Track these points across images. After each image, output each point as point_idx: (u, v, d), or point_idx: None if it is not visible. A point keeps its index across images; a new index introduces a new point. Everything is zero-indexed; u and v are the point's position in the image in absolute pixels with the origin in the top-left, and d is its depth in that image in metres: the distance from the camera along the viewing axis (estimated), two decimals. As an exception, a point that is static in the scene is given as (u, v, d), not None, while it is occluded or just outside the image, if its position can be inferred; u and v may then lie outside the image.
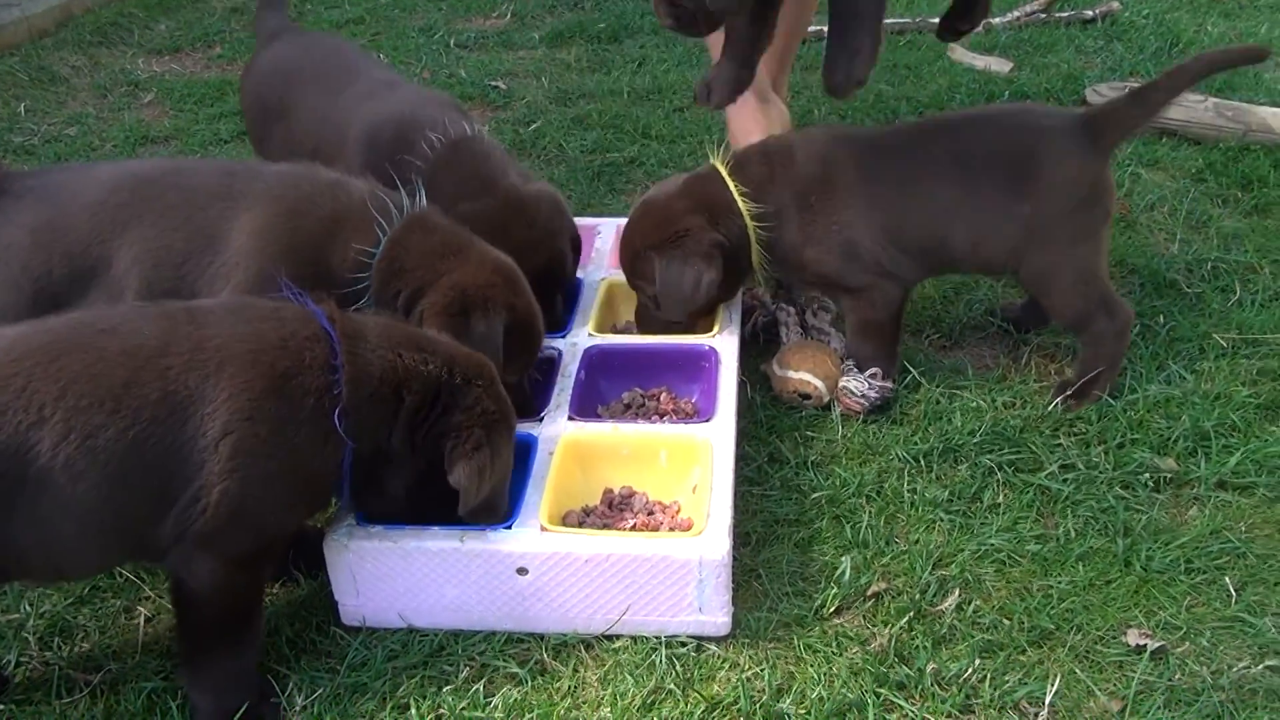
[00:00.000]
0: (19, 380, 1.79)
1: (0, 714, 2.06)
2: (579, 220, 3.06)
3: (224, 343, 1.91)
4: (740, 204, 2.73)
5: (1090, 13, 5.39)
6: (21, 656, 2.19)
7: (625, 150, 4.29)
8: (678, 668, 2.11)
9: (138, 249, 2.30)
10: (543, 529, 2.15)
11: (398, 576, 2.16)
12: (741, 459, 2.54)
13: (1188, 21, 5.27)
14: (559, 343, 2.74)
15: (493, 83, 4.98)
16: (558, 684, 2.09)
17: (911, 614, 2.21)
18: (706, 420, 2.45)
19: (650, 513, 2.35)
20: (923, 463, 2.63)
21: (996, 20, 5.24)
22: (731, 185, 2.74)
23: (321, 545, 2.18)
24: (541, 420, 2.47)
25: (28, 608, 2.28)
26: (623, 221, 2.90)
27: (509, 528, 2.15)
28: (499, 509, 2.15)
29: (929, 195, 2.69)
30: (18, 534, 1.81)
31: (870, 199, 2.70)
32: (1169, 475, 2.55)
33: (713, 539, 2.11)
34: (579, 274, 3.01)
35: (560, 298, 2.84)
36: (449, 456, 2.04)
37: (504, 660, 2.14)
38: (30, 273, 2.28)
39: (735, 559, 2.28)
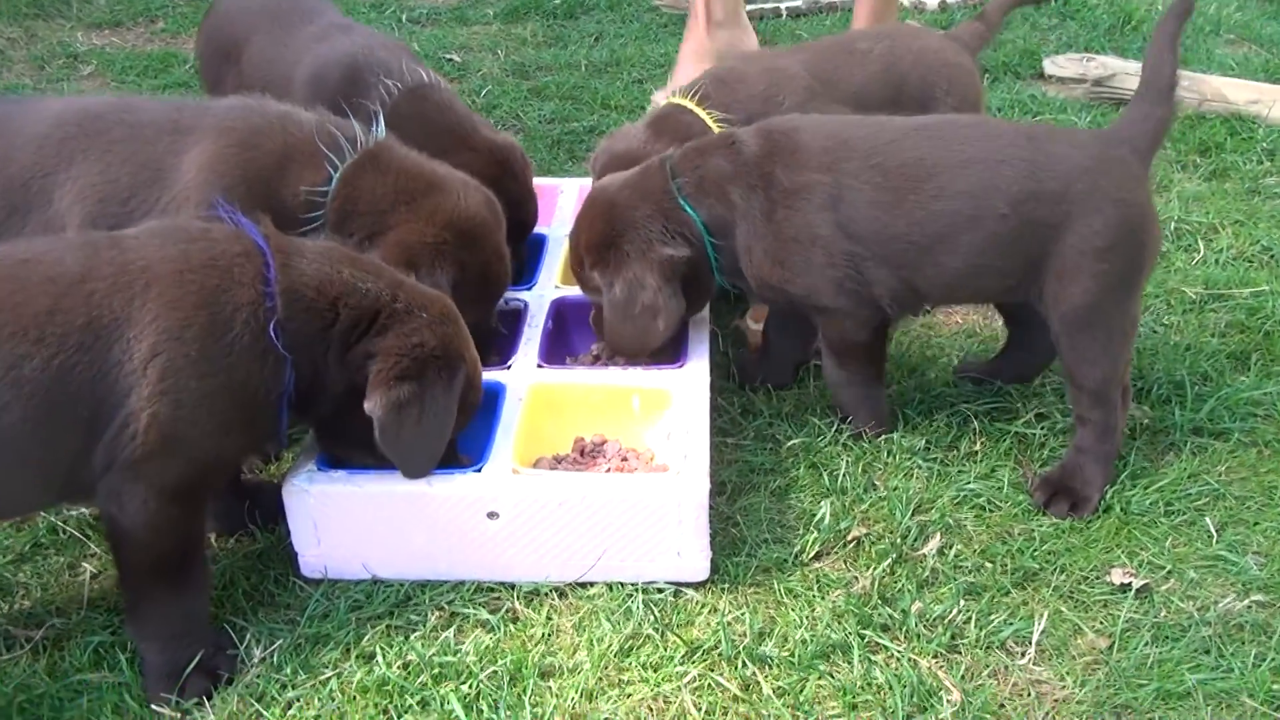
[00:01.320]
0: None
1: (-67, 673, 1.93)
2: (540, 181, 3.02)
3: (149, 264, 1.81)
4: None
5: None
6: (-44, 615, 2.06)
7: (584, 120, 4.21)
8: (655, 613, 2.03)
9: (81, 184, 2.19)
10: (514, 471, 2.06)
11: (362, 523, 2.05)
12: (715, 410, 2.47)
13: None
14: (525, 294, 2.66)
15: (447, 55, 4.88)
16: (531, 631, 2.01)
17: (893, 558, 2.16)
18: (679, 366, 2.38)
19: (624, 459, 2.28)
20: (899, 414, 2.58)
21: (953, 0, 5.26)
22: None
23: (278, 498, 2.07)
24: (510, 368, 2.38)
25: (-38, 565, 2.15)
26: (585, 183, 2.83)
27: (479, 471, 2.06)
28: (430, 459, 2.02)
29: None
30: None
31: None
32: (1145, 422, 2.53)
33: (691, 478, 2.04)
34: (544, 230, 2.93)
35: (522, 248, 2.76)
36: (370, 381, 1.92)
37: (474, 608, 2.04)
38: None
39: (711, 508, 2.21)
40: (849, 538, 2.21)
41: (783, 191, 2.30)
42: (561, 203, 3.12)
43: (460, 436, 2.13)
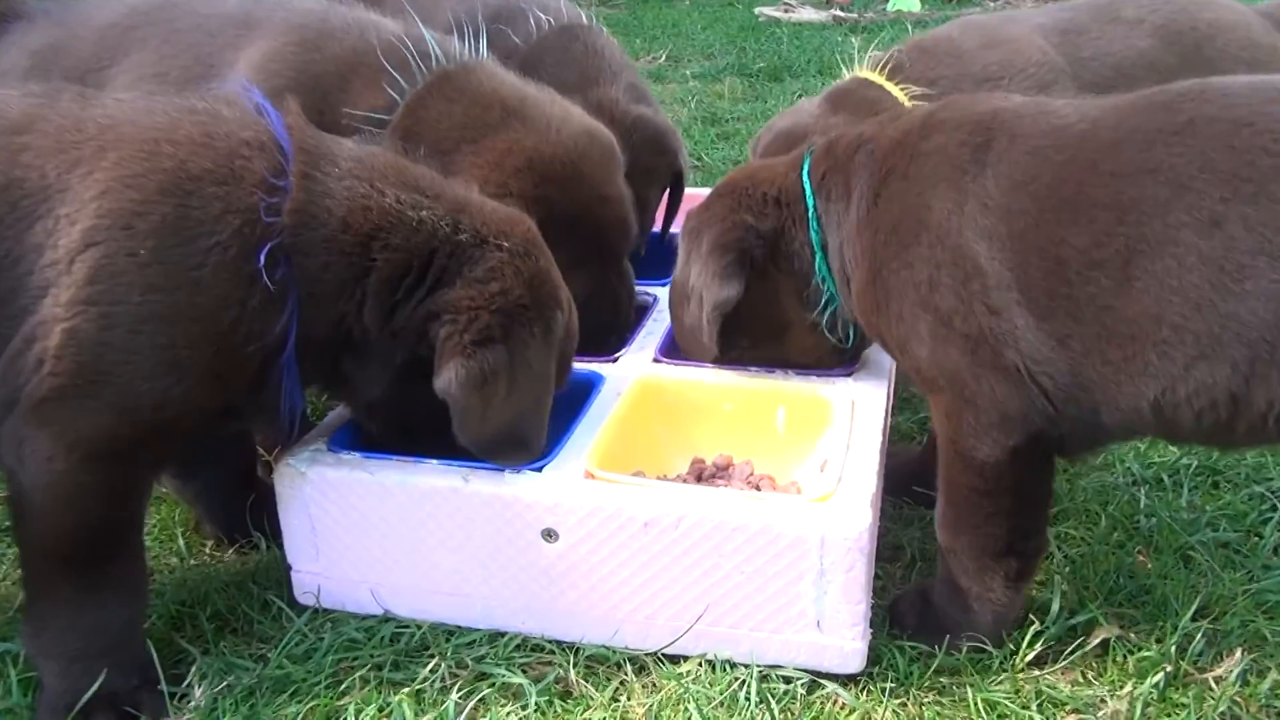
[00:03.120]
0: None
1: None
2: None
3: (113, 124, 1.31)
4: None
5: None
6: None
7: (773, 162, 3.66)
8: (775, 711, 1.32)
9: (132, 75, 1.82)
10: (588, 475, 1.43)
11: (373, 528, 1.46)
12: (894, 433, 1.76)
13: None
14: (657, 289, 2.06)
15: (636, 106, 4.49)
16: (587, 714, 1.33)
17: (1165, 674, 1.37)
18: (848, 372, 1.70)
19: (756, 488, 1.60)
20: (1168, 481, 1.79)
21: None
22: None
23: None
24: (616, 361, 1.77)
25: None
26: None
27: (538, 470, 1.44)
28: (526, 444, 1.43)
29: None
30: None
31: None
32: None
33: (846, 509, 1.35)
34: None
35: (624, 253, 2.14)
36: (438, 350, 1.35)
37: (510, 671, 1.39)
38: None
39: (879, 576, 1.50)
40: (1092, 639, 1.43)
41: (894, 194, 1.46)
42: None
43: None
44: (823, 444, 1.62)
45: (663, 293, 2.04)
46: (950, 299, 1.36)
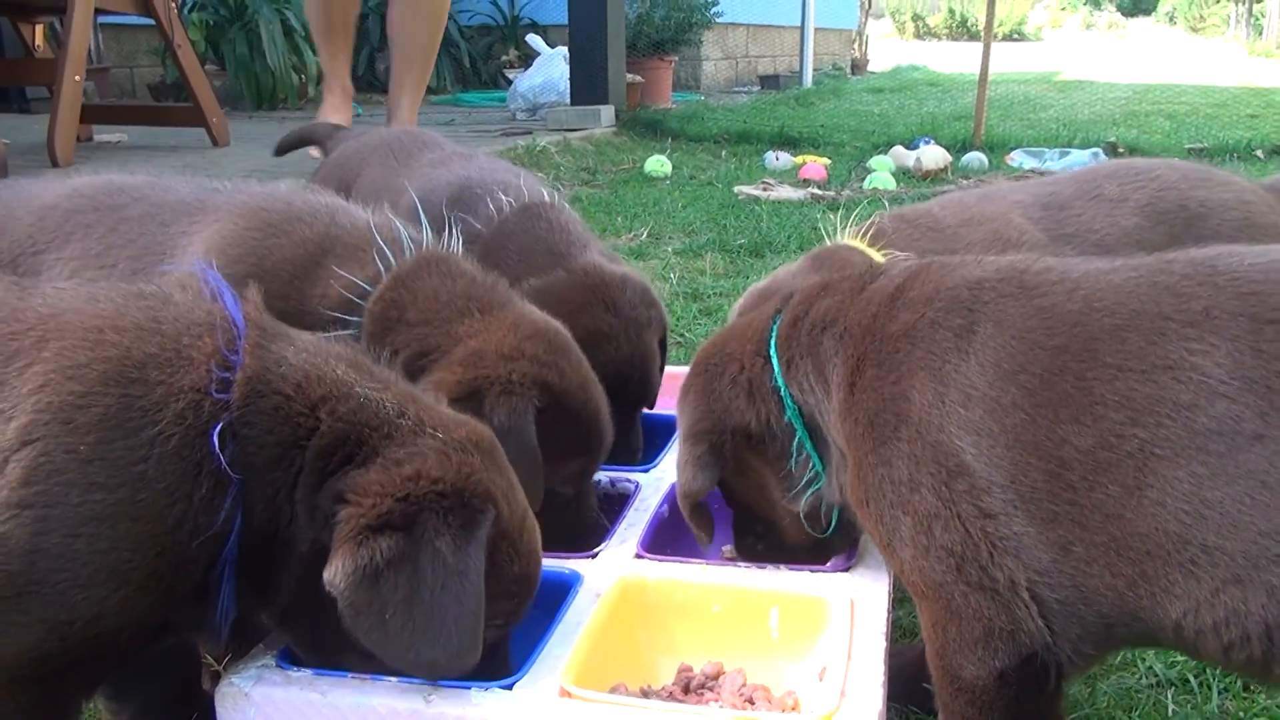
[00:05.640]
0: None
1: None
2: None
3: (55, 313, 1.23)
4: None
5: None
6: None
7: (755, 339, 3.62)
8: None
9: (74, 265, 1.73)
10: (564, 693, 1.29)
11: (322, 758, 1.31)
12: (901, 634, 1.63)
13: None
14: (639, 475, 1.96)
15: (618, 282, 4.49)
16: None
17: None
18: (845, 568, 1.59)
19: (749, 701, 1.45)
20: (1194, 683, 1.65)
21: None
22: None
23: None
24: (595, 557, 1.65)
25: None
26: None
27: (509, 688, 1.30)
28: (455, 652, 1.25)
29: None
30: None
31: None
32: None
33: (851, 729, 1.21)
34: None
35: (639, 413, 2.09)
36: (334, 538, 1.22)
37: None
38: None
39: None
40: None
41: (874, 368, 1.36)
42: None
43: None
44: (820, 648, 1.49)
45: (645, 479, 1.95)
46: (931, 500, 1.25)
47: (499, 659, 1.37)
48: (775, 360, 1.49)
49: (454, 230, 1.85)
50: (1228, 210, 2.12)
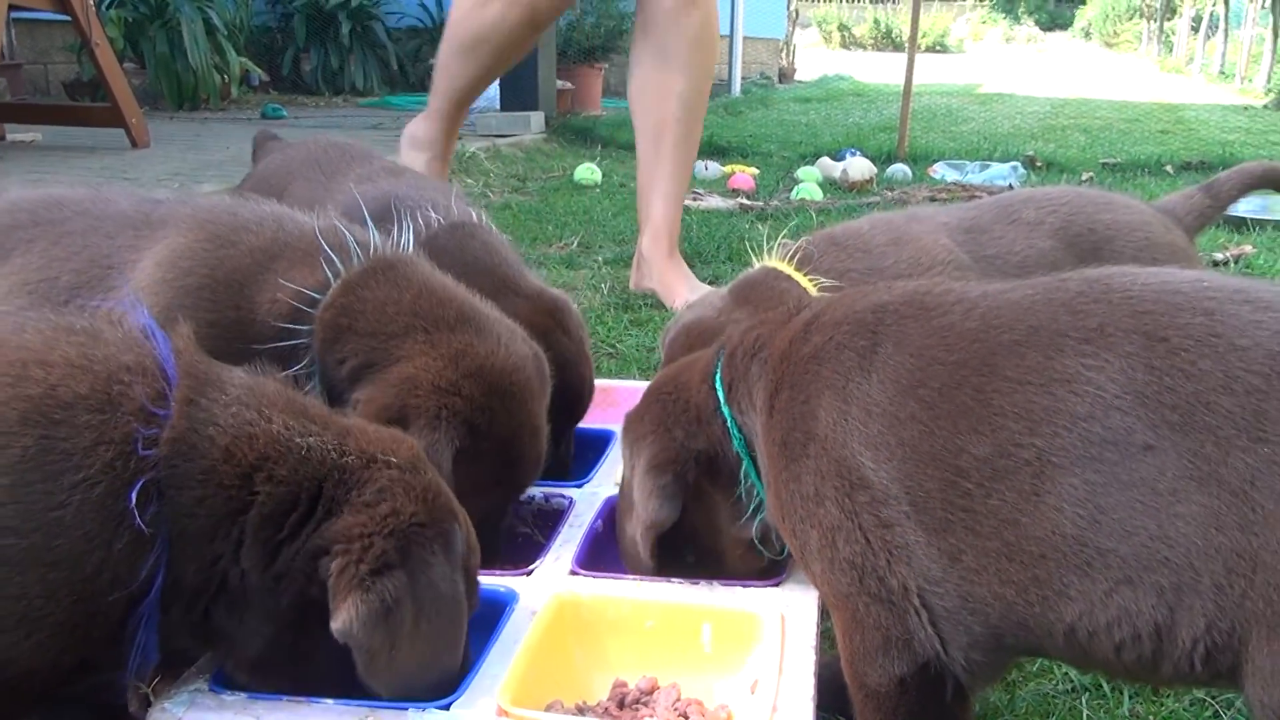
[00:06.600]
0: None
1: None
2: (619, 383, 2.65)
3: None
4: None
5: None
6: None
7: (688, 350, 3.66)
8: None
9: (14, 280, 1.72)
10: (501, 712, 1.31)
11: (257, 782, 1.31)
12: (830, 644, 1.67)
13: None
14: (573, 491, 1.98)
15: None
16: None
17: None
18: (775, 583, 1.62)
19: (683, 716, 1.48)
20: (1107, 688, 1.72)
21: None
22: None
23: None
24: (530, 574, 1.67)
25: None
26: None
27: (446, 708, 1.31)
28: (448, 675, 1.32)
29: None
30: None
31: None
32: None
33: (782, 744, 1.25)
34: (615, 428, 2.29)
35: (572, 433, 2.12)
36: (331, 588, 1.23)
37: None
38: None
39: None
40: None
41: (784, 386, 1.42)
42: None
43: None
44: (751, 662, 1.53)
45: (578, 494, 1.97)
46: (835, 513, 1.30)
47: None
48: (719, 387, 1.53)
49: (405, 230, 1.85)
50: (1132, 232, 2.22)
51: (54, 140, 7.16)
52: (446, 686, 1.32)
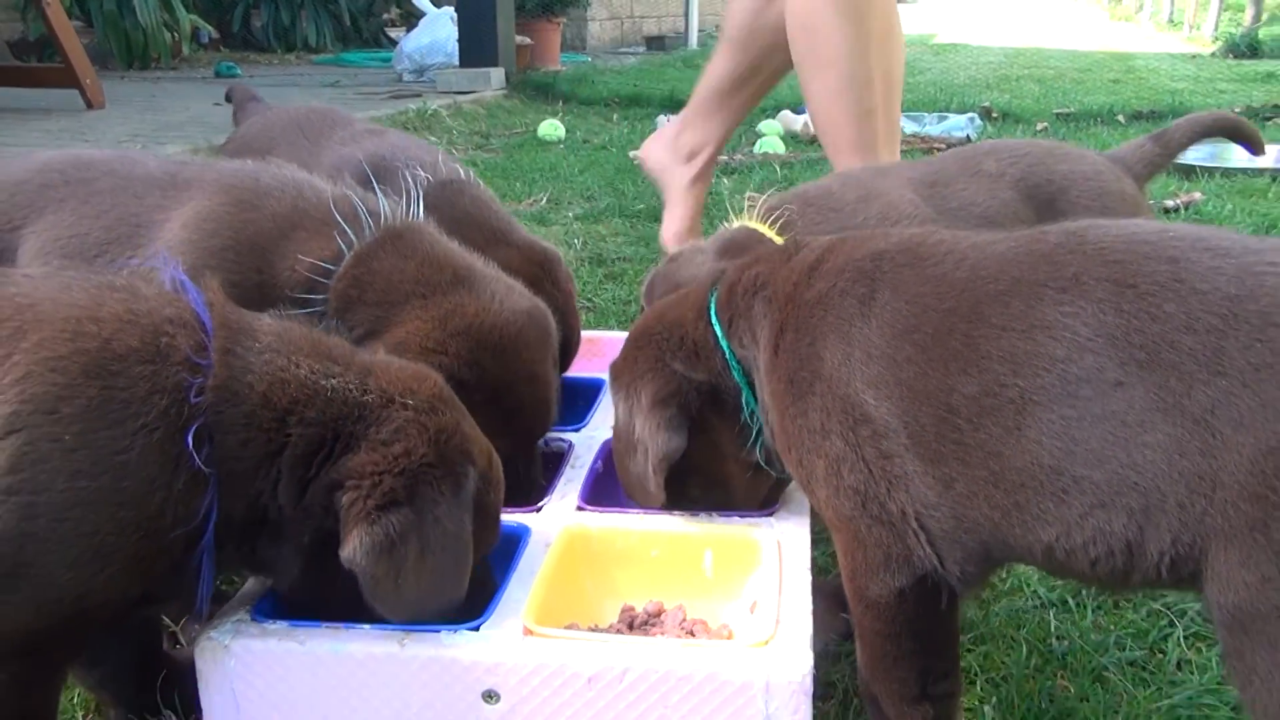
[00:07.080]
0: None
1: None
2: (607, 334, 2.71)
3: (34, 303, 1.27)
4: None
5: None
6: None
7: (662, 302, 3.76)
8: None
9: (46, 237, 1.78)
10: (527, 631, 1.42)
11: (303, 701, 1.41)
12: (818, 572, 1.80)
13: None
14: (572, 435, 2.08)
15: (522, 246, 4.57)
16: None
17: (1098, 797, 1.41)
18: (769, 513, 1.75)
19: (689, 634, 1.61)
20: (1072, 603, 1.87)
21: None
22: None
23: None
24: (540, 511, 1.77)
25: None
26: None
27: (476, 629, 1.42)
28: (443, 607, 1.41)
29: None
30: None
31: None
32: None
33: (787, 652, 1.37)
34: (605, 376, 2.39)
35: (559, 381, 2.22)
36: (343, 520, 1.33)
37: (453, 845, 1.34)
38: None
39: (815, 717, 1.52)
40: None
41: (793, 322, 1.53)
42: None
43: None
44: (750, 585, 1.65)
45: (576, 438, 2.07)
46: (840, 445, 1.42)
47: (488, 584, 1.53)
48: (716, 323, 1.63)
49: (416, 197, 1.93)
50: (1085, 181, 2.34)
51: (4, 102, 7.04)
52: (453, 608, 1.42)
